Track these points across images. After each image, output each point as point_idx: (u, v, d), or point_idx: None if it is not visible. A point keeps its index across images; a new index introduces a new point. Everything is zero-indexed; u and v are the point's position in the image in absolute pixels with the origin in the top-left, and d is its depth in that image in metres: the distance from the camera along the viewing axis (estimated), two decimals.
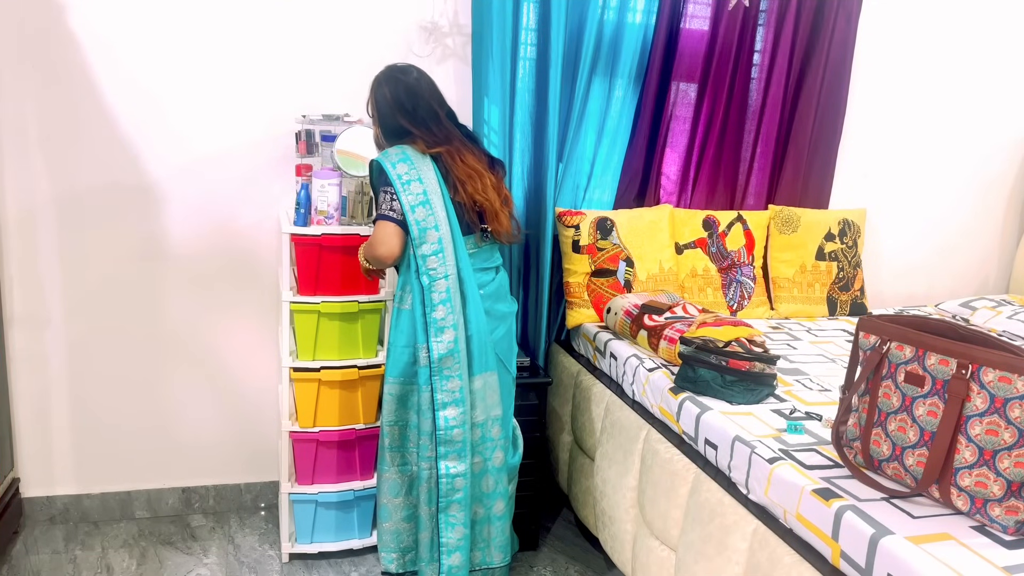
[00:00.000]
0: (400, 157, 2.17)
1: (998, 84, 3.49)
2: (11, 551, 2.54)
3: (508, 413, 2.35)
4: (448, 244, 2.15)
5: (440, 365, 2.15)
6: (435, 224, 2.14)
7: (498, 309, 2.30)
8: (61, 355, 2.64)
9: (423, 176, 2.15)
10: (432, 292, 2.14)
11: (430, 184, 2.15)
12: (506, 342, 2.33)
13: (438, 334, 2.14)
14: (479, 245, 2.27)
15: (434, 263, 2.14)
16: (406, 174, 2.14)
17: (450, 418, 2.16)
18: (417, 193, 2.14)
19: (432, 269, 2.14)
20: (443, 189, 2.18)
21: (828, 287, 3.16)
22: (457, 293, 2.17)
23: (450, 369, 2.15)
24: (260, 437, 2.86)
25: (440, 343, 2.14)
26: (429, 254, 2.14)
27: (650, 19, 2.89)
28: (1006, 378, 1.49)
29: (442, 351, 2.14)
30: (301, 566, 2.56)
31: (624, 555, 2.33)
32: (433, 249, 2.14)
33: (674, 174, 3.10)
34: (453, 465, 2.18)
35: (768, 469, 1.79)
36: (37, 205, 2.53)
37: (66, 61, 2.46)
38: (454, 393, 2.16)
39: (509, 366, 2.34)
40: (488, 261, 2.30)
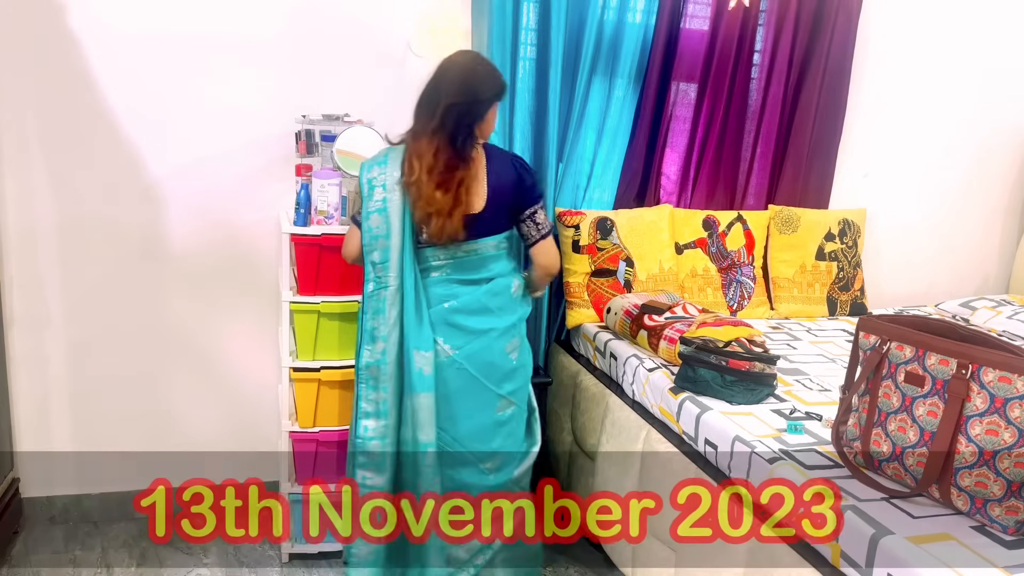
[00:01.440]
0: (378, 161, 2.14)
1: (998, 84, 3.49)
2: (11, 551, 2.54)
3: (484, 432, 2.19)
4: (395, 255, 2.09)
5: (367, 373, 2.11)
6: (387, 233, 2.09)
7: (472, 322, 2.14)
8: (61, 355, 2.64)
9: (388, 183, 2.10)
10: (372, 299, 2.11)
11: (393, 192, 2.09)
12: (484, 358, 2.15)
13: (370, 342, 2.11)
14: (458, 255, 2.15)
15: (380, 272, 2.10)
16: (375, 179, 2.11)
17: (369, 428, 2.11)
18: (377, 199, 2.09)
19: (377, 277, 2.10)
20: (405, 194, 2.09)
21: (828, 287, 3.16)
22: (396, 306, 2.09)
23: (376, 380, 2.10)
24: (260, 437, 2.86)
25: (369, 351, 2.11)
26: (378, 262, 2.10)
27: (650, 19, 2.89)
28: (1006, 378, 1.49)
29: (368, 360, 2.10)
30: (301, 566, 2.56)
31: (624, 555, 2.33)
32: (380, 258, 2.09)
33: (674, 174, 3.10)
34: (370, 477, 2.12)
35: (768, 469, 1.79)
36: (37, 205, 2.52)
37: (66, 61, 2.46)
38: (377, 404, 2.11)
39: (492, 384, 2.17)
40: (472, 272, 2.17)
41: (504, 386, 2.19)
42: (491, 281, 2.18)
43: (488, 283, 2.18)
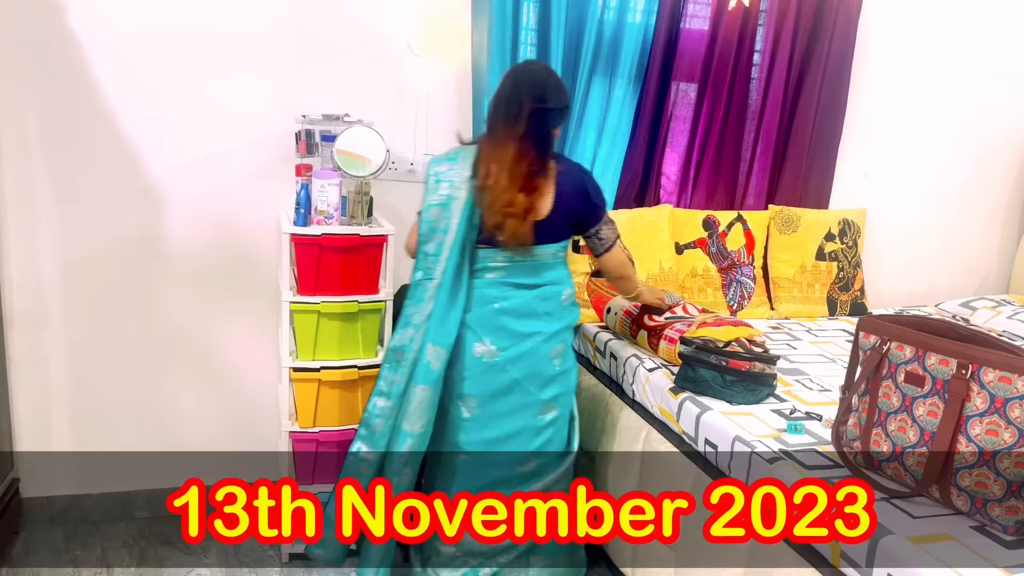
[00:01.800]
0: (448, 156, 2.17)
1: (998, 84, 3.49)
2: (11, 551, 2.54)
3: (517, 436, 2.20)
4: (446, 251, 2.11)
5: (391, 354, 2.16)
6: (445, 228, 2.11)
7: (519, 325, 2.16)
8: (61, 355, 2.64)
9: (456, 180, 2.12)
10: (416, 287, 2.15)
11: (459, 189, 2.11)
12: (528, 362, 2.17)
13: (403, 327, 2.16)
14: (516, 259, 2.15)
15: (430, 263, 2.13)
16: (443, 174, 2.14)
17: (378, 406, 2.16)
18: (441, 194, 2.13)
19: (426, 268, 2.14)
20: (471, 196, 2.11)
21: (828, 287, 3.16)
22: (433, 299, 2.12)
23: (398, 363, 2.14)
24: (260, 437, 2.86)
25: (400, 334, 2.16)
26: (430, 253, 2.13)
27: (650, 19, 2.89)
28: (1006, 378, 1.49)
29: (396, 343, 2.15)
30: (301, 566, 2.56)
31: (624, 555, 2.33)
32: (433, 251, 2.13)
33: (674, 174, 3.10)
34: (364, 448, 2.18)
35: (768, 469, 1.79)
36: (37, 205, 2.52)
37: (66, 61, 2.46)
38: (391, 385, 2.15)
39: (534, 389, 2.18)
40: (527, 277, 2.17)
41: (546, 391, 2.20)
42: (541, 287, 2.21)
43: (536, 288, 2.20)
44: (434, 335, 2.11)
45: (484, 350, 2.15)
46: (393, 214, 2.75)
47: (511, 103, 2.09)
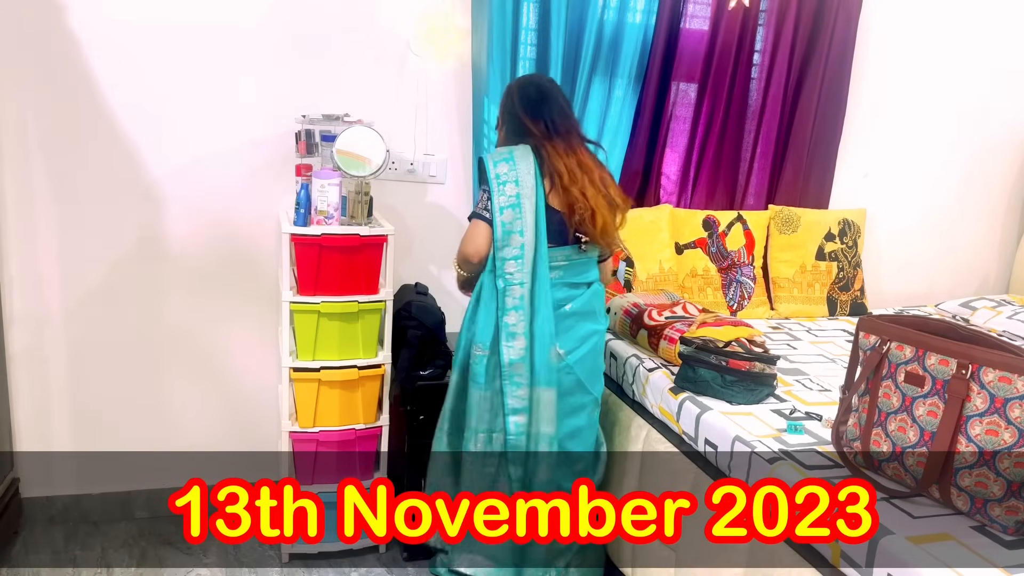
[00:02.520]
0: (503, 157, 2.16)
1: (998, 84, 3.49)
2: (11, 551, 2.54)
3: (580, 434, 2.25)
4: (530, 252, 2.12)
5: (511, 371, 2.13)
6: (520, 229, 2.11)
7: (583, 327, 2.22)
8: (61, 355, 2.64)
9: (521, 178, 2.12)
10: (507, 296, 2.13)
11: (526, 187, 2.12)
12: (589, 361, 2.23)
13: (510, 339, 2.13)
14: (572, 258, 2.20)
15: (512, 268, 2.12)
16: (505, 175, 2.13)
17: (520, 424, 2.15)
18: (510, 195, 2.11)
19: (509, 274, 2.12)
20: (539, 193, 2.13)
21: (828, 287, 3.16)
22: (529, 303, 2.13)
23: (520, 376, 2.13)
24: (260, 437, 2.86)
25: (511, 348, 2.13)
26: (509, 258, 2.12)
27: (650, 19, 2.89)
28: (1006, 378, 1.49)
29: (513, 356, 2.13)
30: (301, 566, 2.56)
31: (624, 555, 2.33)
32: (514, 254, 2.11)
33: (674, 174, 3.10)
34: (514, 471, 2.19)
35: (768, 469, 1.79)
36: (37, 205, 2.52)
37: (66, 61, 2.46)
38: (523, 400, 2.14)
39: (590, 387, 2.24)
40: (580, 276, 2.24)
41: (596, 388, 2.27)
42: (591, 286, 2.26)
43: (589, 287, 2.25)
44: (551, 338, 2.15)
45: (553, 354, 2.18)
46: (393, 214, 2.75)
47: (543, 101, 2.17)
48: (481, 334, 2.18)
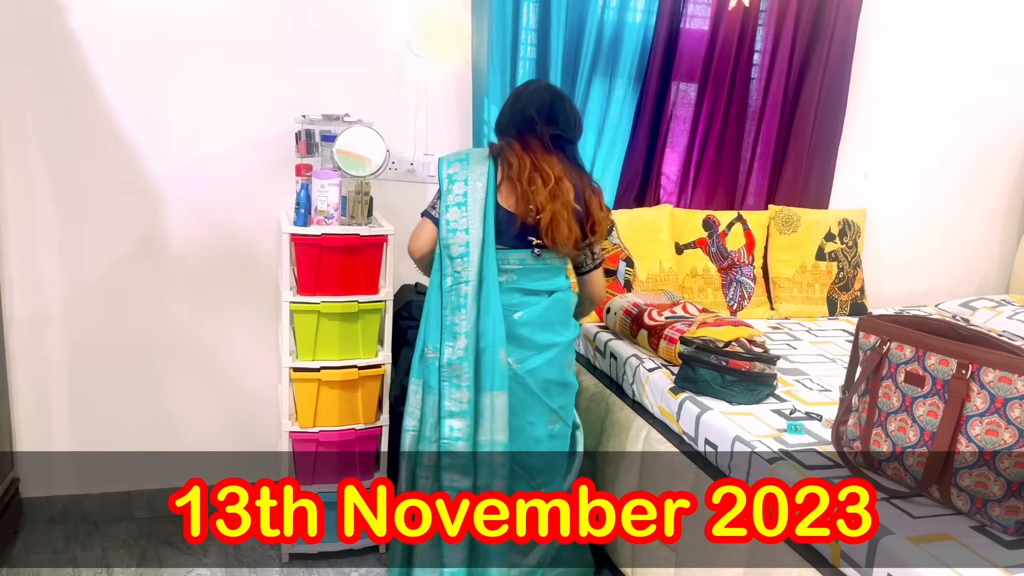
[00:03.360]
0: (458, 157, 2.16)
1: (998, 84, 3.49)
2: (11, 551, 2.54)
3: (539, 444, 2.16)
4: (475, 251, 2.06)
5: (450, 371, 2.07)
6: (466, 227, 2.07)
7: (539, 337, 2.12)
8: (61, 355, 2.64)
9: (471, 178, 2.09)
10: (452, 295, 2.08)
11: (475, 188, 2.08)
12: (544, 373, 2.13)
13: (452, 339, 2.07)
14: (527, 263, 2.12)
15: (459, 266, 2.07)
16: (455, 174, 2.11)
17: (455, 428, 2.07)
18: (457, 194, 2.09)
19: (456, 272, 2.08)
20: (490, 195, 2.09)
21: (828, 287, 3.16)
22: (475, 302, 2.07)
23: (459, 378, 2.06)
24: (260, 437, 2.86)
25: (452, 348, 2.06)
26: (456, 256, 2.08)
27: (650, 19, 2.89)
28: (1006, 378, 1.49)
29: (452, 357, 2.05)
30: (301, 566, 2.56)
31: (624, 555, 2.33)
32: (459, 252, 2.07)
33: (674, 174, 3.11)
34: (458, 479, 2.08)
35: (768, 469, 1.79)
36: (37, 205, 2.52)
37: (66, 61, 2.46)
38: (462, 404, 2.07)
39: (546, 399, 2.14)
40: (536, 283, 2.13)
41: (556, 400, 2.17)
42: (553, 294, 2.16)
43: (550, 296, 2.15)
44: (500, 338, 2.06)
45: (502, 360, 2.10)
46: (393, 214, 2.75)
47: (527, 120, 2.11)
48: (431, 335, 2.11)
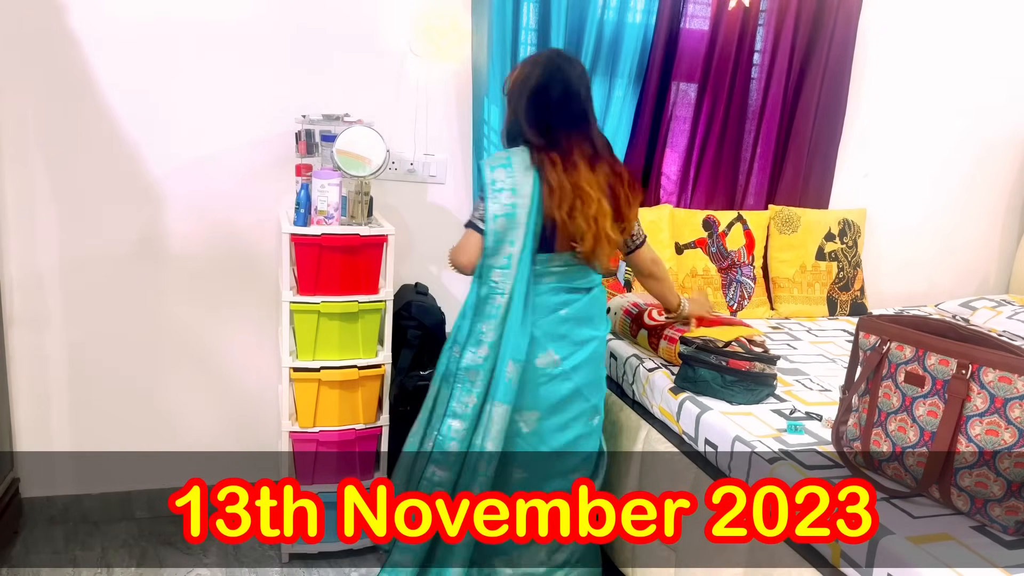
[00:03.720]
0: (501, 162, 2.07)
1: (998, 84, 3.49)
2: (11, 551, 2.54)
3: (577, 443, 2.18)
4: (515, 263, 2.04)
5: (465, 375, 2.09)
6: (512, 239, 2.03)
7: (581, 332, 2.14)
8: (61, 355, 2.64)
9: (518, 187, 2.03)
10: (486, 304, 2.07)
11: (522, 197, 2.02)
12: (587, 368, 2.15)
13: (475, 345, 2.08)
14: (570, 263, 2.12)
15: (498, 277, 2.05)
16: (501, 181, 2.04)
17: (453, 429, 2.09)
18: (505, 203, 2.03)
19: (494, 283, 2.06)
20: (535, 205, 2.03)
21: (828, 287, 3.16)
22: (505, 314, 2.06)
23: (472, 384, 2.07)
24: (260, 437, 2.86)
25: (472, 353, 2.08)
26: (496, 267, 2.05)
27: (650, 19, 2.89)
28: (1006, 378, 1.49)
29: (470, 362, 2.07)
30: (301, 566, 2.56)
31: (624, 555, 2.33)
32: (502, 263, 2.04)
33: (674, 174, 3.11)
34: (439, 473, 2.11)
35: (768, 469, 1.79)
36: (37, 205, 2.52)
37: (66, 61, 2.46)
38: (466, 408, 2.08)
39: (588, 394, 2.16)
40: (579, 281, 2.15)
41: (596, 396, 2.20)
42: (591, 291, 2.17)
43: (588, 293, 2.17)
44: (513, 351, 2.05)
45: (547, 360, 2.11)
46: (393, 214, 2.75)
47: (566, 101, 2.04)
48: (460, 335, 2.13)
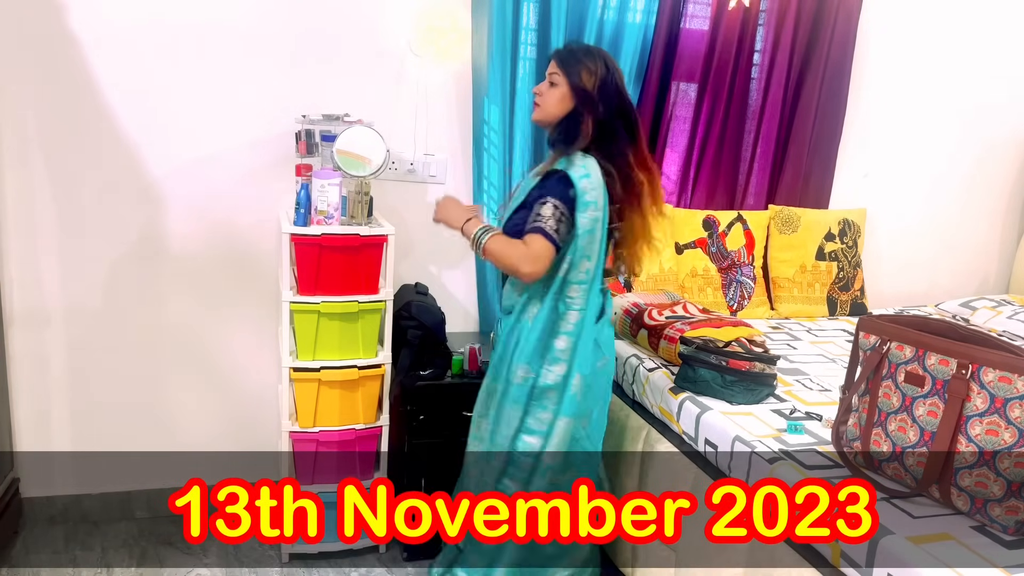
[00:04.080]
0: (585, 172, 1.95)
1: (998, 84, 3.49)
2: (11, 551, 2.54)
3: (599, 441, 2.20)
4: (591, 279, 2.02)
5: (543, 394, 2.04)
6: (589, 254, 1.99)
7: (611, 329, 2.19)
8: (61, 355, 2.64)
9: (599, 200, 1.96)
10: (562, 321, 2.03)
11: (601, 211, 1.97)
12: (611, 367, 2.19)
13: (552, 363, 2.03)
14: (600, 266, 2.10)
15: (575, 293, 2.02)
16: (588, 193, 1.94)
17: (531, 445, 2.07)
18: (591, 218, 1.95)
19: (571, 299, 2.02)
20: (605, 216, 1.99)
21: (828, 287, 3.16)
22: (580, 329, 2.03)
23: (550, 400, 2.05)
24: (260, 437, 2.86)
25: (550, 372, 2.03)
26: (574, 282, 2.01)
27: (650, 19, 2.89)
28: (1006, 378, 1.49)
29: (549, 382, 2.03)
30: (301, 566, 2.56)
31: (624, 555, 2.33)
32: (580, 279, 2.01)
33: (674, 174, 3.11)
34: (512, 487, 2.11)
35: (768, 469, 1.79)
36: (37, 205, 2.52)
37: (66, 61, 2.46)
38: (542, 423, 2.06)
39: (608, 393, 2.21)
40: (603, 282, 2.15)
41: (610, 393, 2.24)
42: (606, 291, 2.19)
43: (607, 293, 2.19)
44: (581, 365, 2.04)
45: (603, 362, 2.12)
46: (393, 214, 2.75)
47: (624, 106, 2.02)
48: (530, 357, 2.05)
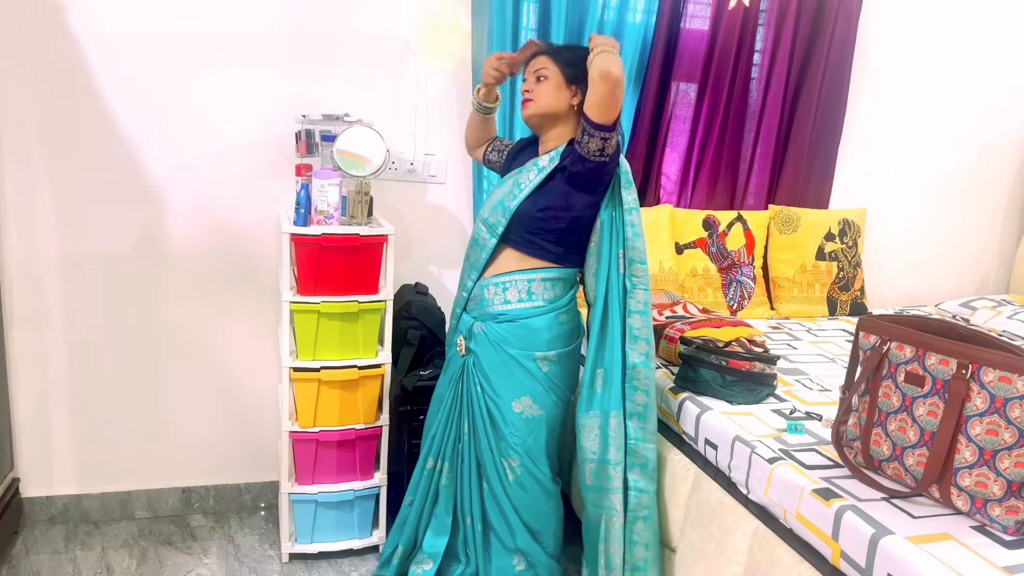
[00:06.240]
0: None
1: (998, 84, 3.49)
2: (11, 551, 2.54)
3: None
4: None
5: (633, 374, 2.04)
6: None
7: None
8: (61, 355, 2.64)
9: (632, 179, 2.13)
10: (631, 299, 2.04)
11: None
12: None
13: (633, 342, 2.04)
14: None
15: (638, 271, 2.05)
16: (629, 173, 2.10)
17: (636, 429, 2.05)
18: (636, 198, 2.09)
19: (635, 277, 2.05)
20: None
21: (828, 287, 3.16)
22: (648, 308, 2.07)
23: (640, 380, 2.04)
24: (260, 437, 2.86)
25: (634, 352, 2.04)
26: (638, 260, 2.05)
27: (650, 19, 2.89)
28: (1006, 378, 1.49)
29: (635, 360, 2.04)
30: (301, 566, 2.56)
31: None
32: (640, 257, 2.05)
33: (674, 174, 3.11)
34: (638, 479, 2.06)
35: (768, 469, 1.79)
36: (37, 205, 2.52)
37: (66, 61, 2.46)
38: (639, 406, 2.05)
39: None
40: None
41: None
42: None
43: None
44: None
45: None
46: (393, 214, 2.75)
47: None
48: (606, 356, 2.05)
